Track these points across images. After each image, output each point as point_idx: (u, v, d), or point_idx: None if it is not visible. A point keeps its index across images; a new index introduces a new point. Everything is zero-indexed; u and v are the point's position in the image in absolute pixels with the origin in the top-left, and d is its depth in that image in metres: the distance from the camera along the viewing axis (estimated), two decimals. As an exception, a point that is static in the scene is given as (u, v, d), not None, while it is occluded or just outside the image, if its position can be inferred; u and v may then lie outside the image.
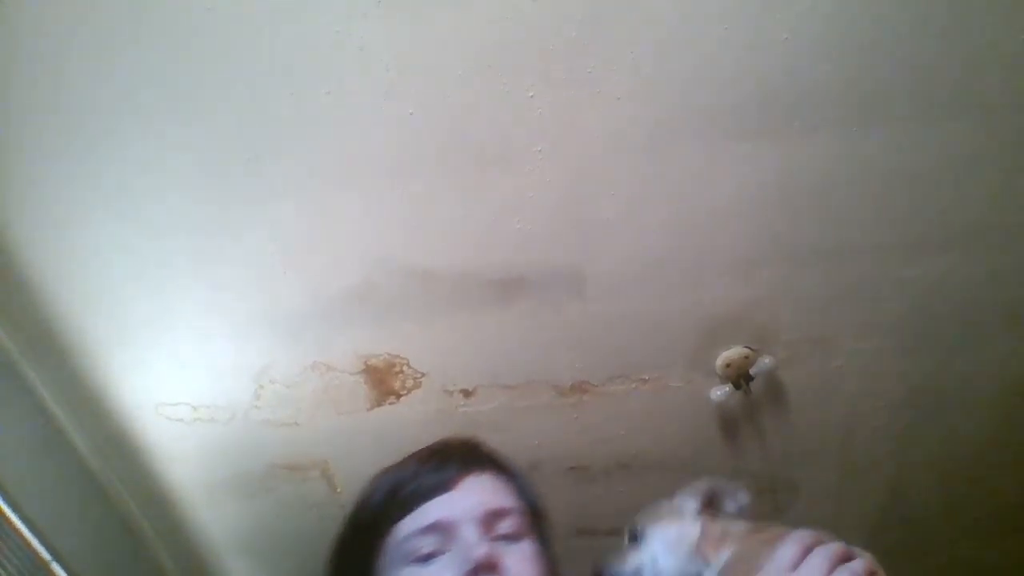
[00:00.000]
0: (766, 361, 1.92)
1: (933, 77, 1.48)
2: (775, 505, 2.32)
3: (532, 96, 1.46)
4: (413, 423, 1.96)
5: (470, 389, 1.95)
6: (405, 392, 1.93)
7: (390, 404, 1.95)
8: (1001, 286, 1.83)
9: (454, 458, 0.97)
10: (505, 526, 0.89)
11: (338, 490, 2.14)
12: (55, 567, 1.81)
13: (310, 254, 1.67)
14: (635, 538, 0.98)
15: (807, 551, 0.74)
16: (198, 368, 1.84)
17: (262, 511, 2.19)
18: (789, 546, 0.76)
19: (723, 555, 0.90)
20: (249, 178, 1.54)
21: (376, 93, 1.44)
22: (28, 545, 1.76)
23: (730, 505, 1.04)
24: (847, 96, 1.49)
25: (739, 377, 1.93)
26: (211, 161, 1.51)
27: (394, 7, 1.32)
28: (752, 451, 2.16)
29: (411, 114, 1.46)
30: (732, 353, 1.91)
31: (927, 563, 2.57)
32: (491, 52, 1.40)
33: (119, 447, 1.98)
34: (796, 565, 0.73)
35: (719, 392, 1.96)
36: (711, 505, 1.03)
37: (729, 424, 2.09)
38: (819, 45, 1.42)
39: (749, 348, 1.91)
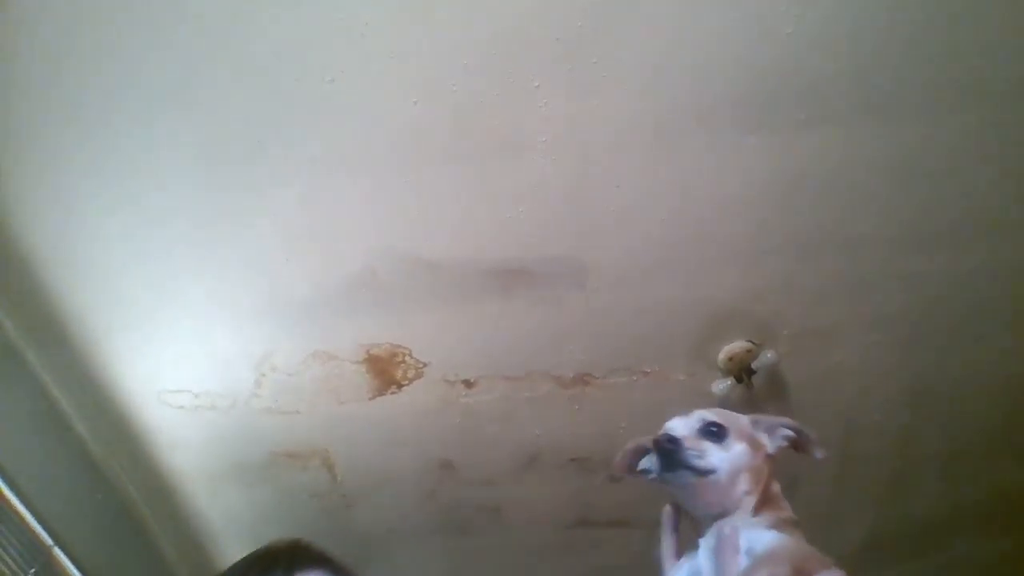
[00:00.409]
0: (768, 355, 1.92)
1: (937, 72, 1.47)
2: (775, 498, 2.32)
3: (537, 86, 1.45)
4: (414, 413, 1.96)
5: (472, 380, 1.95)
6: (407, 382, 1.93)
7: (391, 394, 1.95)
8: (1004, 281, 1.83)
9: (280, 562, 0.97)
10: None
11: (338, 479, 2.14)
12: (56, 552, 1.82)
13: (312, 242, 1.67)
14: (712, 434, 0.94)
15: None
16: (200, 355, 1.84)
17: (262, 499, 2.19)
18: None
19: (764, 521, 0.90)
20: (252, 166, 1.53)
21: (379, 81, 1.43)
22: (30, 530, 1.77)
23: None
24: (851, 90, 1.49)
25: (741, 370, 1.93)
26: (214, 148, 1.51)
27: (398, -6, 1.32)
28: (753, 444, 2.16)
29: (415, 103, 1.46)
30: (734, 346, 1.91)
31: (927, 558, 2.57)
32: (496, 42, 1.40)
33: (121, 433, 1.98)
34: None
35: (721, 385, 1.96)
36: (795, 446, 1.04)
37: (730, 418, 2.09)
38: (824, 39, 1.42)
39: (751, 342, 1.91)
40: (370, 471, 2.09)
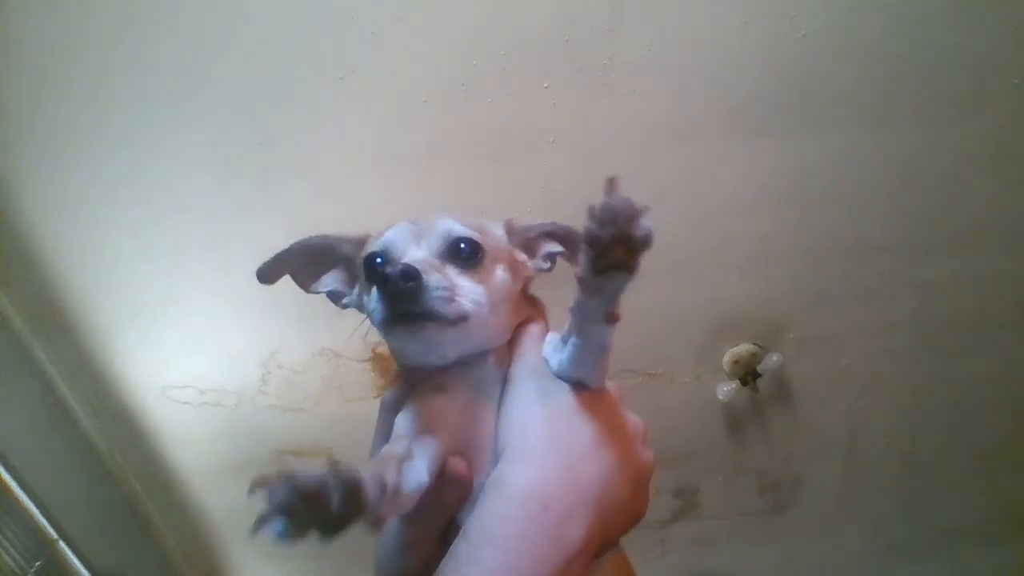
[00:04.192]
0: (774, 358, 1.91)
1: (948, 77, 1.47)
2: (779, 502, 2.32)
3: (547, 87, 1.45)
4: (419, 412, 1.95)
5: (477, 379, 1.94)
6: (412, 381, 1.92)
7: (397, 392, 1.94)
8: (1011, 287, 1.82)
9: None
10: None
11: (342, 477, 2.14)
12: (61, 546, 1.83)
13: (320, 240, 1.67)
14: (461, 256, 0.68)
15: None
16: (206, 351, 1.85)
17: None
18: None
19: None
20: (261, 162, 1.54)
21: (389, 80, 1.43)
22: (34, 523, 1.77)
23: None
24: (862, 94, 1.48)
25: (746, 374, 1.92)
26: (223, 145, 1.51)
27: (409, -7, 1.32)
28: (758, 448, 2.16)
29: (424, 101, 1.46)
30: (740, 350, 1.91)
31: (931, 563, 2.56)
32: (506, 41, 1.40)
33: (126, 428, 1.98)
34: None
35: (726, 388, 1.96)
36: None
37: (735, 420, 2.08)
38: (837, 43, 1.41)
39: (757, 345, 1.90)
40: (374, 469, 2.09)
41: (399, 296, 0.60)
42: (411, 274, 0.60)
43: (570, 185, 1.60)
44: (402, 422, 0.65)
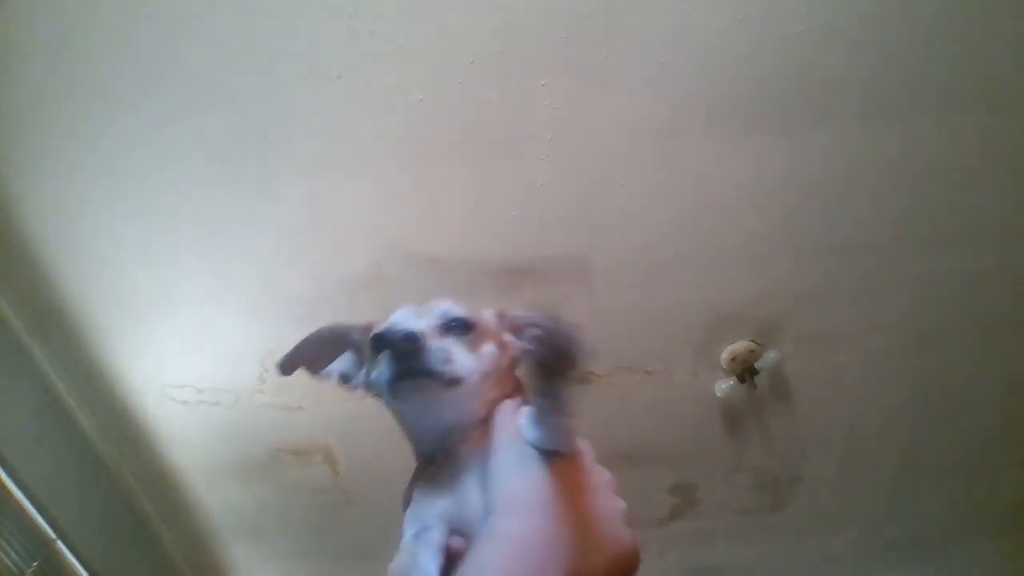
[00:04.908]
0: (771, 355, 1.92)
1: (945, 75, 1.47)
2: (777, 499, 2.33)
3: (544, 85, 1.45)
4: (417, 410, 1.95)
5: (475, 377, 1.94)
6: (410, 379, 1.92)
7: (394, 391, 1.94)
8: (1008, 285, 1.83)
9: None
10: None
11: (340, 475, 2.15)
12: (59, 545, 1.83)
13: (318, 239, 1.67)
14: (455, 331, 0.76)
15: None
16: (204, 351, 1.85)
17: (264, 494, 2.19)
18: None
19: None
20: (258, 162, 1.53)
21: (387, 79, 1.43)
22: (32, 523, 1.77)
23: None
24: (859, 91, 1.49)
25: (744, 371, 1.93)
26: (220, 145, 1.51)
27: (406, -8, 1.32)
28: (755, 445, 2.16)
29: (421, 100, 1.46)
30: (738, 347, 1.91)
31: (928, 560, 2.57)
32: (503, 40, 1.39)
33: (124, 427, 1.98)
34: None
35: (724, 385, 1.96)
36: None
37: (733, 417, 2.09)
38: (833, 39, 1.41)
39: (755, 342, 1.91)
40: (372, 468, 2.09)
41: (403, 356, 0.70)
42: (413, 337, 0.70)
43: (566, 184, 1.60)
44: (408, 521, 0.73)
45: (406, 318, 0.77)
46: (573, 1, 1.35)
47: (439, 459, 0.75)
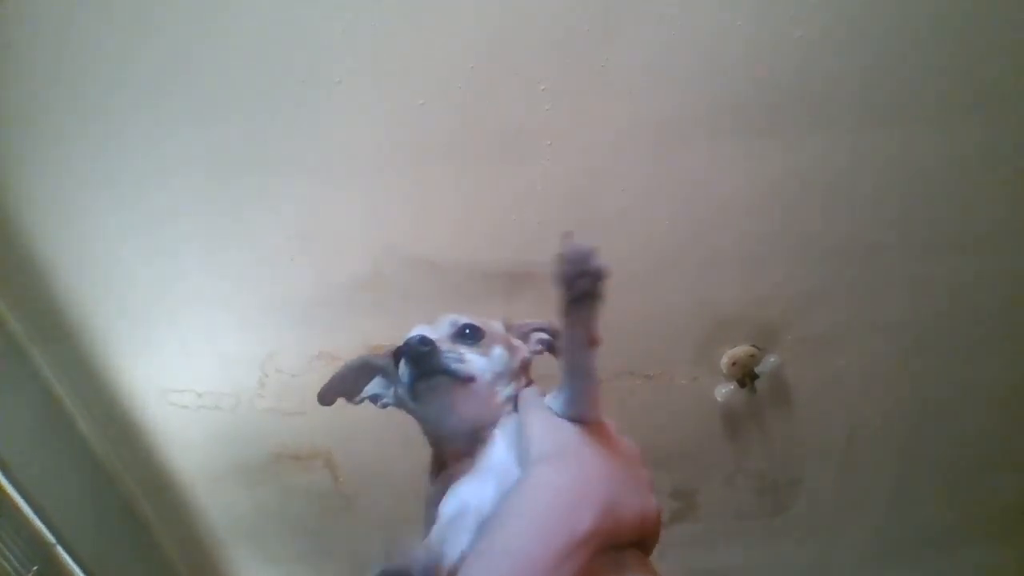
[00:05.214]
0: (772, 360, 1.91)
1: (944, 78, 1.47)
2: (777, 503, 2.32)
3: (544, 89, 1.45)
4: (417, 414, 1.95)
5: (475, 381, 1.94)
6: (410, 383, 1.92)
7: (395, 395, 1.94)
8: (1009, 289, 1.83)
9: None
10: None
11: (340, 480, 2.14)
12: (58, 550, 1.83)
13: (318, 243, 1.67)
14: (466, 337, 0.83)
15: None
16: (204, 355, 1.85)
17: (265, 499, 2.19)
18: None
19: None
20: (258, 166, 1.54)
21: (386, 83, 1.44)
22: (32, 527, 1.77)
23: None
24: (858, 94, 1.49)
25: (744, 375, 1.92)
26: (220, 149, 1.51)
27: (406, -4, 1.32)
28: (755, 449, 2.16)
29: (421, 104, 1.46)
30: (738, 351, 1.91)
31: (929, 564, 2.56)
32: (503, 44, 1.40)
33: (124, 432, 1.98)
34: None
35: (724, 389, 1.96)
36: (552, 350, 0.91)
37: (733, 422, 2.08)
38: (832, 43, 1.41)
39: (755, 346, 1.90)
40: (372, 472, 2.09)
41: (419, 358, 0.77)
42: (426, 340, 0.78)
43: (568, 187, 1.60)
44: (440, 511, 0.77)
45: (420, 330, 0.83)
46: (572, 5, 1.35)
47: (472, 451, 0.79)
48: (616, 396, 1.97)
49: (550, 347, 0.91)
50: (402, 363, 0.79)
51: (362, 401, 0.93)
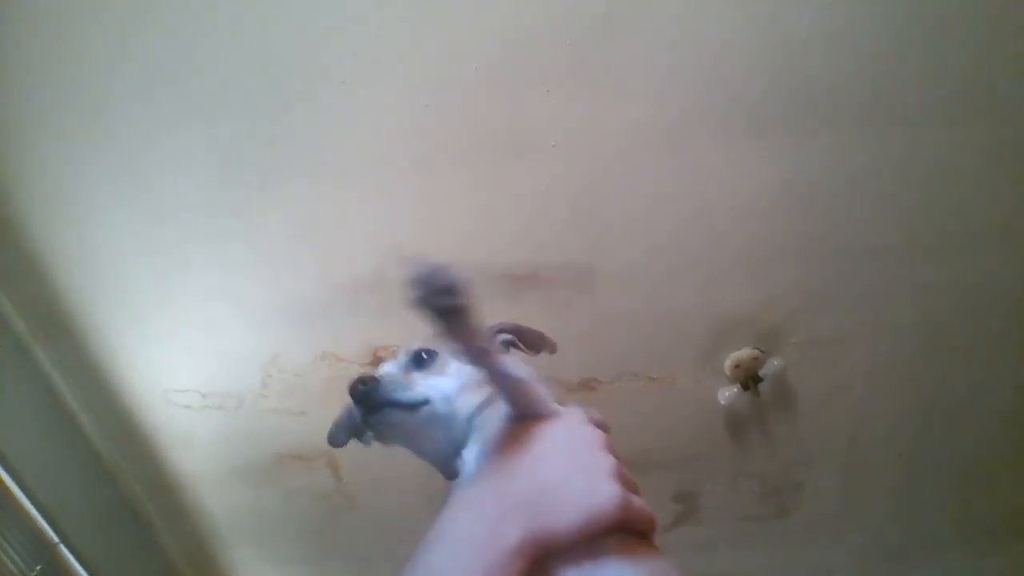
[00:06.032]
0: (775, 363, 1.91)
1: (951, 78, 1.46)
2: (781, 506, 2.32)
3: (548, 91, 1.45)
4: (420, 415, 1.95)
5: (478, 382, 1.94)
6: (413, 384, 1.92)
7: (398, 396, 1.94)
8: (1014, 291, 1.82)
9: None
10: None
11: (343, 480, 2.14)
12: (61, 549, 1.83)
13: (321, 243, 1.67)
14: (423, 362, 0.83)
15: None
16: (207, 355, 1.85)
17: (267, 499, 2.19)
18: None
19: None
20: (262, 165, 1.54)
21: (390, 83, 1.44)
22: (35, 527, 1.77)
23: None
24: (864, 96, 1.48)
25: (748, 378, 1.92)
26: (224, 148, 1.52)
27: (411, -2, 1.32)
28: (759, 452, 2.15)
29: (426, 105, 1.46)
30: (741, 354, 1.90)
31: (933, 568, 2.55)
32: (508, 45, 1.40)
33: (127, 432, 1.98)
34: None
35: (727, 392, 1.96)
36: (525, 347, 0.92)
37: (736, 424, 2.08)
38: (838, 45, 1.41)
39: (759, 349, 1.90)
40: (375, 473, 2.09)
41: (361, 396, 0.77)
42: (365, 379, 0.77)
43: (570, 189, 1.60)
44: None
45: (383, 367, 0.85)
46: (578, 8, 1.35)
47: (456, 472, 0.78)
48: (619, 399, 1.96)
49: (514, 344, 0.91)
50: (352, 406, 0.79)
51: (369, 441, 0.92)
